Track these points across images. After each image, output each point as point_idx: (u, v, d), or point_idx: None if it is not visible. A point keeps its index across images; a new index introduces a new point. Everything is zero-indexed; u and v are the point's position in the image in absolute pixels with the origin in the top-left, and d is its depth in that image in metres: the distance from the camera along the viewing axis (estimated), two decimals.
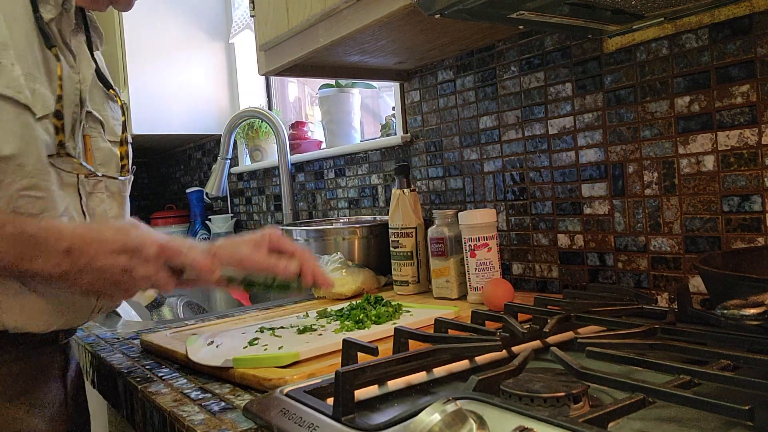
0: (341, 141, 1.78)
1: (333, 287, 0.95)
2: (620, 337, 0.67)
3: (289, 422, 0.56)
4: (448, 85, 1.33)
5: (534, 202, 1.16)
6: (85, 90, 0.88)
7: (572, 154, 1.08)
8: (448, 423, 0.42)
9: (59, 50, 0.83)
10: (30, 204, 0.77)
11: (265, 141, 2.16)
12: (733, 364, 0.55)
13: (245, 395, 0.71)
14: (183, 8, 2.27)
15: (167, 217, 2.58)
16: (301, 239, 1.42)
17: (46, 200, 0.79)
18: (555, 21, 0.88)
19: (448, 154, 1.35)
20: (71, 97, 0.85)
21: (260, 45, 1.27)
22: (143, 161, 3.25)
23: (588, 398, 0.53)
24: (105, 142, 0.93)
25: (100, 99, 0.95)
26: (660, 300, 0.96)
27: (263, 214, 2.22)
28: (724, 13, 0.86)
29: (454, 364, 0.68)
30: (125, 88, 2.16)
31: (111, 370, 0.91)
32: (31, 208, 0.77)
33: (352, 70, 1.37)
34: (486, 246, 1.07)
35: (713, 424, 0.50)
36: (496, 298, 0.97)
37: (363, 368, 0.58)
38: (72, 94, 0.86)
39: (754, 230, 0.85)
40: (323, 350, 0.79)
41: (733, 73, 0.86)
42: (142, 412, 0.78)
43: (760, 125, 0.83)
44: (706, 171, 0.89)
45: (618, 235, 1.02)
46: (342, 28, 1.03)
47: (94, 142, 0.91)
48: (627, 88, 0.99)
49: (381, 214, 1.59)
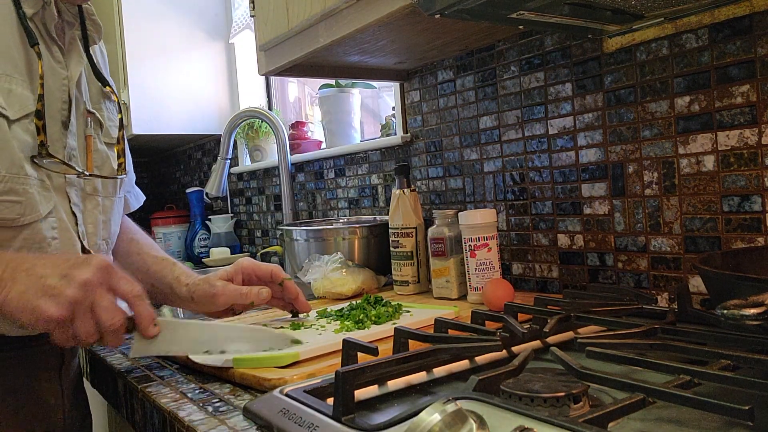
0: (341, 141, 1.78)
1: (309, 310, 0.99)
2: (620, 337, 0.67)
3: (289, 422, 0.56)
4: (448, 85, 1.33)
5: (534, 202, 1.16)
6: (73, 86, 0.85)
7: (572, 154, 1.08)
8: (448, 423, 0.42)
9: (46, 45, 0.81)
10: (7, 209, 0.75)
11: (265, 141, 2.16)
12: (733, 364, 0.55)
13: (245, 395, 0.71)
14: (183, 8, 2.27)
15: (167, 217, 2.57)
16: (301, 239, 1.42)
17: (24, 204, 0.76)
18: (555, 21, 0.88)
19: (448, 154, 1.35)
20: (56, 95, 0.82)
21: (260, 45, 1.27)
22: (143, 161, 3.25)
23: (588, 398, 0.53)
24: (102, 144, 0.91)
25: (97, 97, 0.93)
26: (660, 300, 0.96)
27: (263, 214, 2.22)
28: (724, 13, 0.85)
29: (454, 364, 0.68)
30: (125, 87, 2.16)
31: (111, 370, 0.91)
32: (8, 213, 0.75)
33: (352, 70, 1.37)
34: (486, 246, 1.07)
35: (713, 424, 0.50)
36: (496, 298, 0.97)
37: (363, 368, 0.58)
38: (58, 90, 0.83)
39: (754, 230, 0.85)
40: (323, 350, 0.79)
41: (733, 73, 0.86)
42: (142, 412, 0.78)
43: (760, 125, 0.83)
44: (706, 171, 0.89)
45: (618, 235, 1.02)
46: (342, 28, 1.03)
47: (94, 143, 0.89)
48: (627, 88, 0.99)
49: (381, 214, 1.59)
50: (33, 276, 0.66)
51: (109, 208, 0.93)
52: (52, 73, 0.82)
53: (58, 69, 0.83)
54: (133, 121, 2.17)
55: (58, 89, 0.83)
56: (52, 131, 0.81)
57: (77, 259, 0.70)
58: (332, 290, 1.22)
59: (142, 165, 3.26)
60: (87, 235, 0.88)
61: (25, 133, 0.77)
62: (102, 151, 0.91)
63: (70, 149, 0.84)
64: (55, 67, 0.83)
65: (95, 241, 0.90)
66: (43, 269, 0.67)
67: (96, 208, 0.90)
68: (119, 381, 0.87)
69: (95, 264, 0.69)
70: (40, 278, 0.66)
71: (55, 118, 0.82)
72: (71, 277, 0.66)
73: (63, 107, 0.84)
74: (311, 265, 1.30)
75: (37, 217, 0.78)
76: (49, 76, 0.82)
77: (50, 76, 0.82)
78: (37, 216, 0.78)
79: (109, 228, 0.94)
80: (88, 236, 0.88)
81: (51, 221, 0.80)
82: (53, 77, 0.82)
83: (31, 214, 0.77)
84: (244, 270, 0.97)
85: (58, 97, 0.83)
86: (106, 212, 0.92)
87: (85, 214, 0.88)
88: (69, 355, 0.95)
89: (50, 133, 0.81)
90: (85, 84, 0.90)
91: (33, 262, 0.69)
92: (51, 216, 0.80)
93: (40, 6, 0.80)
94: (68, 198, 0.84)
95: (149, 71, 2.20)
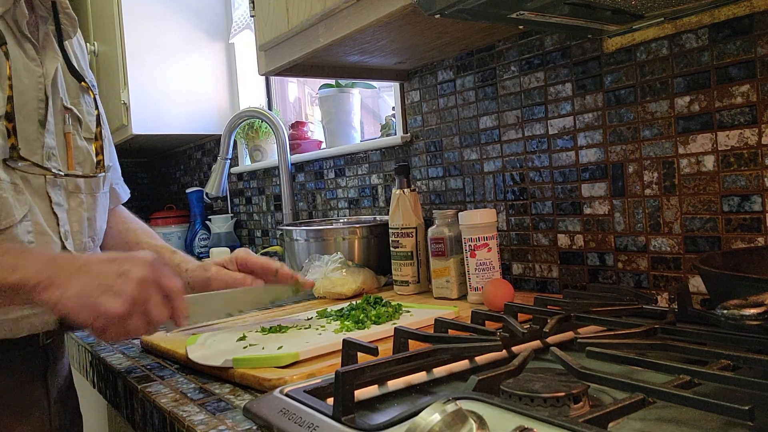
0: (341, 141, 1.78)
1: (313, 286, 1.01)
2: (620, 337, 0.67)
3: (289, 422, 0.56)
4: (448, 85, 1.33)
5: (534, 202, 1.16)
6: (49, 84, 0.83)
7: (572, 154, 1.08)
8: (448, 423, 0.42)
9: (18, 44, 0.79)
10: None
11: (265, 141, 2.16)
12: (733, 364, 0.55)
13: (245, 395, 0.71)
14: (183, 8, 2.27)
15: (167, 217, 2.57)
16: (301, 239, 1.42)
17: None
18: (555, 21, 0.88)
19: (448, 154, 1.35)
20: (31, 93, 0.81)
21: (260, 45, 1.27)
22: (143, 161, 3.25)
23: (588, 398, 0.53)
24: (81, 140, 0.90)
25: (75, 92, 0.91)
26: (660, 300, 0.96)
27: (263, 214, 2.22)
28: (724, 13, 0.85)
29: (454, 364, 0.68)
30: (125, 87, 2.16)
31: (111, 370, 0.91)
32: None
33: (352, 70, 1.37)
34: (486, 246, 1.07)
35: (713, 424, 0.50)
36: (496, 298, 0.97)
37: (363, 368, 0.58)
38: (33, 89, 0.81)
39: (754, 230, 0.85)
40: (322, 350, 0.79)
41: (733, 73, 0.86)
42: (142, 412, 0.78)
43: (760, 125, 0.83)
44: (706, 171, 0.89)
45: (618, 235, 1.02)
46: (342, 28, 1.03)
47: (74, 140, 0.88)
48: (627, 88, 0.99)
49: (381, 214, 1.59)
50: (90, 275, 0.68)
51: (92, 205, 0.92)
52: (26, 72, 0.81)
53: (32, 67, 0.82)
54: (133, 121, 2.17)
55: (34, 88, 0.81)
56: (28, 132, 0.80)
57: (127, 258, 0.72)
58: (332, 290, 1.22)
59: (142, 165, 3.26)
60: (72, 234, 0.87)
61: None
62: (83, 147, 0.90)
63: (48, 148, 0.83)
64: (29, 65, 0.81)
65: (81, 240, 0.89)
66: (99, 267, 0.69)
67: (80, 206, 0.88)
68: (119, 381, 0.87)
69: (145, 261, 0.71)
70: (97, 277, 0.68)
71: (32, 117, 0.81)
72: (128, 275, 0.69)
73: (39, 106, 0.82)
74: (311, 265, 1.30)
75: (12, 222, 0.77)
76: (24, 75, 0.80)
77: (24, 76, 0.80)
78: (11, 221, 0.77)
79: (95, 225, 0.93)
80: (73, 235, 0.87)
81: (26, 225, 0.79)
82: (28, 76, 0.81)
83: (5, 219, 0.76)
84: (239, 260, 0.98)
85: (33, 95, 0.81)
86: (90, 209, 0.91)
87: (70, 213, 0.87)
88: (54, 359, 0.93)
89: (27, 134, 0.80)
90: (62, 80, 0.88)
91: (83, 260, 0.71)
92: (26, 220, 0.79)
93: (10, 4, 0.79)
94: (49, 198, 0.83)
95: (149, 71, 2.19)
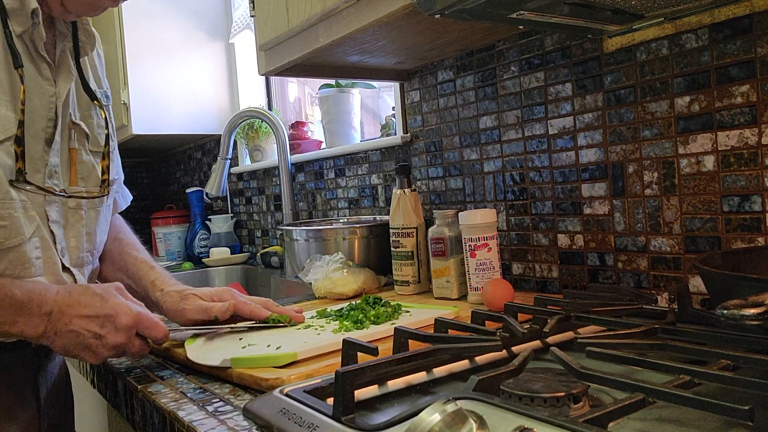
0: (341, 141, 1.78)
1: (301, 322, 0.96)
2: (620, 337, 0.67)
3: (289, 422, 0.56)
4: (448, 85, 1.33)
5: (534, 202, 1.16)
6: (60, 104, 0.84)
7: (572, 154, 1.08)
8: (448, 423, 0.42)
9: (34, 63, 0.80)
10: None
11: (265, 141, 2.16)
12: (733, 364, 0.55)
13: (245, 395, 0.71)
14: (183, 8, 2.27)
15: (167, 217, 2.57)
16: (301, 239, 1.42)
17: (9, 228, 0.77)
18: (555, 21, 0.88)
19: (448, 154, 1.35)
20: (41, 113, 0.82)
21: (260, 45, 1.27)
22: (143, 161, 3.25)
23: (588, 398, 0.53)
24: (88, 155, 0.90)
25: (86, 105, 0.91)
26: (660, 300, 0.96)
27: (263, 214, 2.22)
28: (724, 13, 0.85)
29: (454, 364, 0.68)
30: (125, 88, 2.16)
31: (111, 370, 0.91)
32: None
33: (352, 70, 1.37)
34: (486, 246, 1.07)
35: (713, 424, 0.50)
36: (496, 298, 0.97)
37: (363, 368, 0.58)
38: (44, 108, 0.82)
39: (754, 230, 0.85)
40: (321, 350, 0.79)
41: (733, 73, 0.86)
42: (142, 412, 0.78)
43: (760, 125, 0.83)
44: (706, 171, 0.89)
45: (618, 235, 1.02)
46: (342, 28, 1.03)
47: (79, 155, 0.88)
48: (627, 88, 0.98)
49: (381, 214, 1.59)
50: (73, 333, 0.76)
51: (93, 219, 0.92)
52: (39, 91, 0.81)
53: (45, 86, 0.83)
54: (133, 121, 2.17)
55: (44, 107, 0.82)
56: (33, 150, 0.81)
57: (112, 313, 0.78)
58: (333, 290, 1.22)
59: (142, 165, 3.26)
60: (69, 250, 0.88)
61: (7, 156, 0.77)
62: (88, 162, 0.90)
63: (51, 167, 0.84)
64: (42, 85, 0.82)
65: (78, 255, 0.89)
66: (80, 324, 0.77)
67: (79, 221, 0.89)
68: (119, 381, 0.87)
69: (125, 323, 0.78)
70: (78, 336, 0.76)
71: (39, 136, 0.82)
72: (106, 339, 0.77)
73: (48, 125, 0.83)
74: (312, 266, 1.30)
75: (22, 240, 0.78)
76: (35, 95, 0.81)
77: (36, 95, 0.81)
78: (21, 239, 0.78)
79: (94, 239, 0.93)
80: (70, 251, 0.88)
81: (34, 241, 0.81)
82: (40, 95, 0.82)
83: (16, 237, 0.78)
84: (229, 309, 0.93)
85: (43, 115, 0.82)
86: (90, 224, 0.91)
87: (67, 229, 0.87)
88: (46, 359, 0.94)
89: (32, 152, 0.81)
90: (74, 97, 0.89)
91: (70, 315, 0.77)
92: (34, 236, 0.81)
93: (29, 24, 0.79)
94: (47, 216, 0.84)
95: (149, 71, 2.20)
